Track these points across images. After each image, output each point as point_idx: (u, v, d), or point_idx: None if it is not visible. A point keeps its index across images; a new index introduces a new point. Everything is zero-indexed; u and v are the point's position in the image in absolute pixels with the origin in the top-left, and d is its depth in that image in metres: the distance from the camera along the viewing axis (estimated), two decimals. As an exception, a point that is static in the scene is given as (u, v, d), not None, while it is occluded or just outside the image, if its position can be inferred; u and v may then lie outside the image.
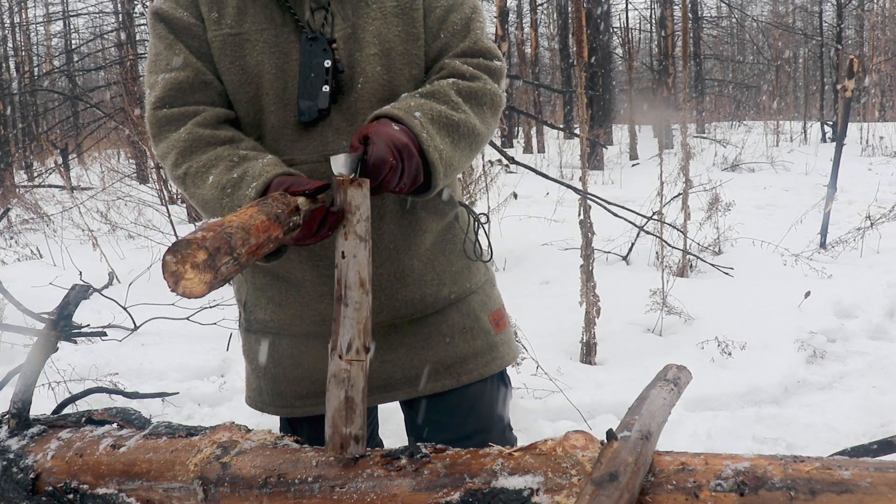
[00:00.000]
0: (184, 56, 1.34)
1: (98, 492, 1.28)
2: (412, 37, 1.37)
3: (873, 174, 9.64)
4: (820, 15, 18.03)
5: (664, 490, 0.98)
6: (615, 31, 18.03)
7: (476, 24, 1.43)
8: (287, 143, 1.34)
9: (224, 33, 1.34)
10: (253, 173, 1.23)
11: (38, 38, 20.60)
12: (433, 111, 1.28)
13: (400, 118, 1.24)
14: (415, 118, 1.25)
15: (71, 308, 1.58)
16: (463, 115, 1.31)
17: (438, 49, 1.40)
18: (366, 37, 1.35)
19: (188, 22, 1.35)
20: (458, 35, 1.40)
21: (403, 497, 1.08)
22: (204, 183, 1.27)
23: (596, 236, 3.76)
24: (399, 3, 1.37)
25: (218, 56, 1.34)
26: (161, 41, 1.36)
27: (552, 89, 18.37)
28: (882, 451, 1.31)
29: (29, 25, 18.37)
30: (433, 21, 1.39)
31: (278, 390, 1.46)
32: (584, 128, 3.82)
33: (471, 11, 1.43)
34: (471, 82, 1.35)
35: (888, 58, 20.11)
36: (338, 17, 1.35)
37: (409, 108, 1.26)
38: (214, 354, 3.89)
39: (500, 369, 1.49)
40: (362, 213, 1.12)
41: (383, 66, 1.35)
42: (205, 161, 1.28)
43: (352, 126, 1.34)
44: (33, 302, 3.68)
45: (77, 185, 10.53)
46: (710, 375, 3.39)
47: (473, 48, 1.40)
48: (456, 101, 1.32)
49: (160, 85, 1.34)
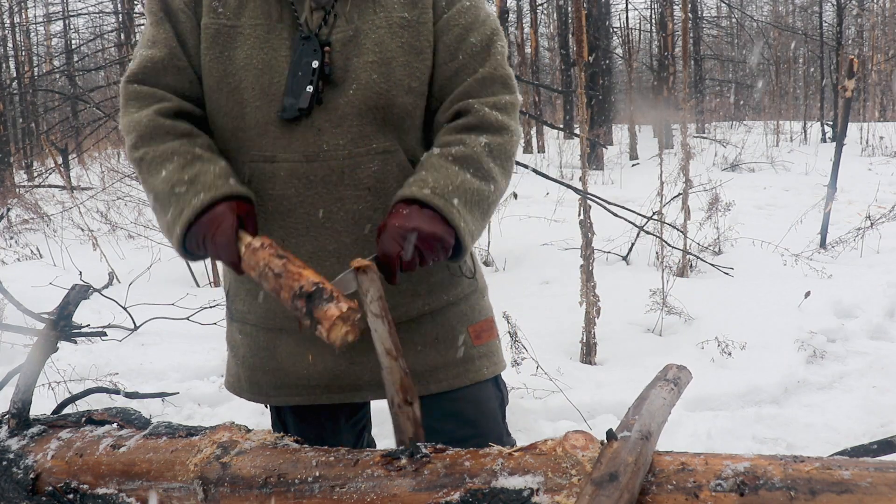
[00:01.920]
0: (166, 37, 1.37)
1: (98, 492, 1.28)
2: (416, 50, 1.36)
3: (873, 174, 9.64)
4: (820, 15, 18.02)
5: (664, 490, 0.98)
6: (615, 31, 18.03)
7: (496, 48, 1.40)
8: (269, 140, 1.35)
9: (220, 23, 1.35)
10: (204, 182, 1.27)
11: (38, 38, 20.62)
12: (469, 192, 1.29)
13: (439, 208, 1.26)
14: (453, 206, 1.27)
15: (71, 308, 1.58)
16: (493, 186, 1.33)
17: (455, 70, 1.37)
18: (366, 43, 1.34)
19: (181, 5, 1.37)
20: (477, 58, 1.38)
21: (403, 497, 1.08)
22: (157, 175, 1.30)
23: (596, 236, 3.76)
24: (407, 16, 1.36)
25: (208, 44, 1.36)
26: (151, 16, 1.39)
27: (552, 89, 18.37)
28: (882, 451, 1.31)
29: (29, 25, 18.37)
30: (451, 40, 1.37)
31: (254, 379, 1.50)
32: (584, 128, 3.82)
33: (491, 33, 1.40)
34: (501, 138, 1.35)
35: (888, 58, 20.11)
36: (340, 20, 1.34)
37: (445, 191, 1.27)
38: (214, 354, 3.89)
39: (473, 382, 1.46)
40: (373, 294, 1.19)
41: (381, 75, 1.33)
42: (161, 152, 1.31)
43: (336, 129, 1.33)
44: (33, 302, 3.67)
45: (77, 185, 10.53)
46: (710, 375, 3.39)
47: (494, 75, 1.38)
48: (488, 168, 1.32)
49: (137, 59, 1.38)
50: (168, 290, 5.08)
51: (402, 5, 1.37)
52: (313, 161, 1.34)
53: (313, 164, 1.34)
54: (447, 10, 1.38)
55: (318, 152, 1.33)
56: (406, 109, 1.37)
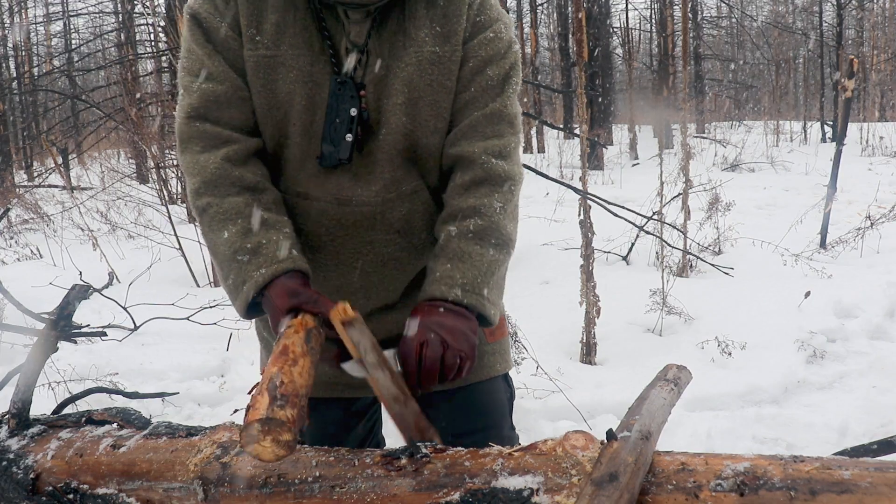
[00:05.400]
0: (223, 68, 1.31)
1: (98, 492, 1.28)
2: (444, 88, 1.33)
3: (873, 174, 9.64)
4: (820, 15, 18.02)
5: (664, 490, 0.98)
6: (615, 31, 18.03)
7: (511, 84, 1.37)
8: (305, 177, 1.35)
9: (259, 54, 1.30)
10: (266, 254, 1.25)
11: (39, 38, 20.62)
12: (495, 272, 1.30)
13: (472, 307, 1.26)
14: (485, 299, 1.28)
15: (71, 308, 1.58)
16: (512, 245, 1.35)
17: (466, 101, 1.35)
18: (395, 83, 1.31)
19: (227, 34, 1.31)
20: (490, 92, 1.35)
21: (403, 497, 1.08)
22: (220, 234, 1.28)
23: (596, 236, 3.76)
24: (439, 51, 1.32)
25: (251, 76, 1.32)
26: (199, 47, 1.32)
27: (552, 89, 18.37)
28: (882, 451, 1.31)
29: (29, 25, 18.37)
30: (467, 71, 1.34)
31: None
32: (584, 128, 3.82)
33: (510, 67, 1.38)
34: (511, 193, 1.35)
35: (888, 58, 20.11)
36: (373, 56, 1.31)
37: (475, 284, 1.27)
38: (214, 354, 3.89)
39: (487, 377, 1.50)
40: (365, 345, 1.17)
41: (408, 117, 1.32)
42: (226, 209, 1.28)
43: (370, 175, 1.34)
44: (33, 302, 3.68)
45: (77, 185, 10.54)
46: (710, 375, 3.39)
47: (502, 113, 1.35)
48: (507, 232, 1.33)
49: (197, 93, 1.31)
50: (168, 290, 5.09)
51: (433, 38, 1.33)
52: (345, 206, 1.35)
53: (345, 208, 1.35)
54: (471, 40, 1.35)
55: (351, 197, 1.34)
56: (430, 150, 1.36)
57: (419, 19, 1.32)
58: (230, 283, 1.28)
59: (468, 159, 1.34)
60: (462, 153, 1.34)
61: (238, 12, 1.31)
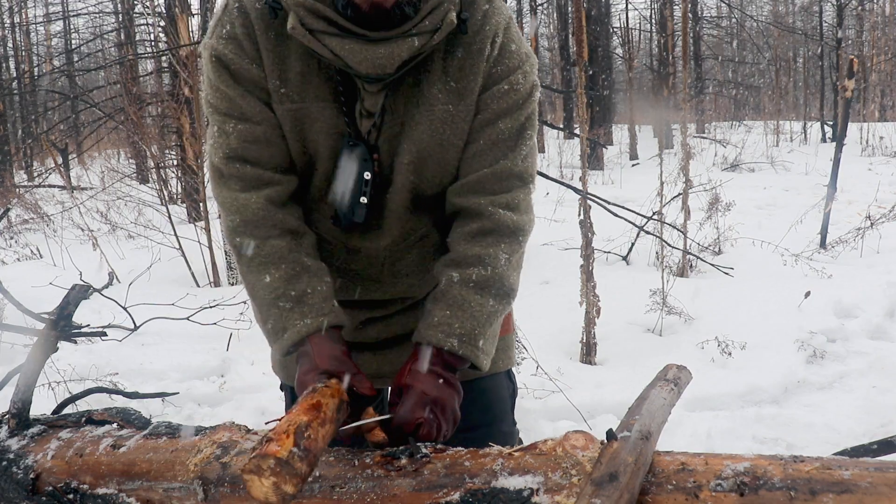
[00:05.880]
0: (259, 108, 1.28)
1: (98, 492, 1.28)
2: (453, 147, 1.31)
3: (873, 174, 9.64)
4: (820, 15, 18.03)
5: (664, 490, 0.98)
6: (615, 31, 18.03)
7: (524, 138, 1.32)
8: (320, 217, 1.37)
9: (285, 108, 1.28)
10: (311, 304, 1.26)
11: (38, 38, 20.62)
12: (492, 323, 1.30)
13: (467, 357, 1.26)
14: (479, 350, 1.27)
15: (71, 308, 1.58)
16: (512, 297, 1.34)
17: (473, 153, 1.32)
18: (405, 143, 1.30)
19: (257, 75, 1.27)
20: (501, 147, 1.31)
21: (403, 497, 1.08)
22: (261, 278, 1.28)
23: (596, 236, 3.77)
24: (451, 109, 1.29)
25: (281, 123, 1.31)
26: (229, 88, 1.28)
27: (552, 89, 18.35)
28: (882, 451, 1.31)
29: (29, 25, 18.37)
30: (478, 122, 1.30)
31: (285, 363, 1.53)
32: (584, 128, 3.82)
33: (525, 119, 1.32)
34: (519, 244, 1.34)
35: (888, 58, 20.11)
36: (388, 114, 1.29)
37: (472, 335, 1.26)
38: (214, 354, 3.90)
39: (492, 373, 1.51)
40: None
41: (415, 175, 1.32)
42: (268, 251, 1.28)
43: (380, 229, 1.36)
44: (33, 302, 3.68)
45: (77, 185, 10.54)
46: (710, 375, 3.39)
47: (512, 170, 1.31)
48: (510, 283, 1.32)
49: (234, 134, 1.29)
50: (168, 290, 5.09)
51: (447, 95, 1.28)
52: (355, 254, 1.40)
53: (355, 255, 1.40)
54: (484, 92, 1.30)
55: (360, 248, 1.39)
56: (437, 197, 1.37)
57: (434, 73, 1.28)
58: (269, 327, 1.29)
59: (475, 211, 1.32)
60: (468, 205, 1.32)
61: (261, 58, 1.27)
